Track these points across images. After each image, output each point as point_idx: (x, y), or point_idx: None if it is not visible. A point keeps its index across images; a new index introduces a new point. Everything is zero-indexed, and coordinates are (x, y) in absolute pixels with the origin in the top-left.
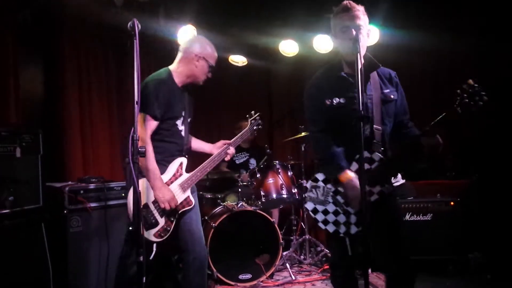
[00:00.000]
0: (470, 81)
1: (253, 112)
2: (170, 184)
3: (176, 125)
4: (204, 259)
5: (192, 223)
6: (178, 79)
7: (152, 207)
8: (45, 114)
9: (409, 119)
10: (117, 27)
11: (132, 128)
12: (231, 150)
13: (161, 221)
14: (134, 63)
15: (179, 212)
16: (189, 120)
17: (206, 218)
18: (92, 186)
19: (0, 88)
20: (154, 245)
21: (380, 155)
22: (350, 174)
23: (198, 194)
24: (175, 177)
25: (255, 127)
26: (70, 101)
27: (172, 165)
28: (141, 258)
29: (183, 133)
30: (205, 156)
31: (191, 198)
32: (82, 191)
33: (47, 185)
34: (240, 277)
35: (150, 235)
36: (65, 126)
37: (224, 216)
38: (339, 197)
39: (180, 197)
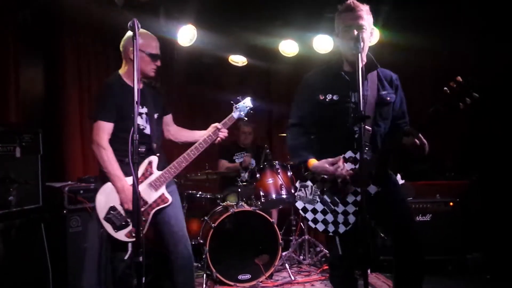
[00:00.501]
0: (459, 78)
1: (240, 97)
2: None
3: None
4: (188, 257)
5: (171, 222)
6: (129, 79)
7: (120, 208)
8: (45, 114)
9: (407, 123)
10: (117, 26)
11: (132, 129)
12: (222, 133)
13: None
14: (134, 63)
15: (154, 210)
16: (156, 116)
17: (206, 218)
18: (91, 186)
19: (0, 87)
20: (129, 245)
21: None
22: (314, 161)
23: (197, 194)
24: (144, 176)
25: (241, 113)
26: (70, 100)
27: (141, 166)
28: (140, 259)
29: (147, 131)
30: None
31: (166, 195)
32: (81, 191)
33: (47, 185)
34: (240, 277)
35: (122, 235)
36: (65, 126)
37: (224, 216)
38: (325, 197)
39: (152, 195)
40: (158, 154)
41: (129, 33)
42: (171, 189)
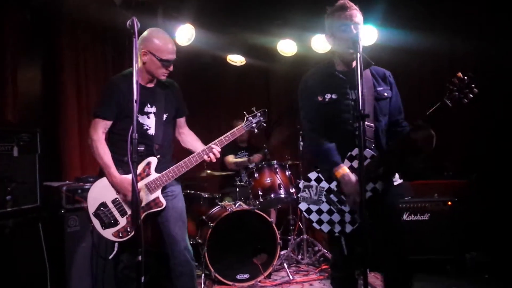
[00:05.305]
0: (459, 74)
1: (254, 108)
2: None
3: (139, 123)
4: (185, 264)
5: (170, 226)
6: (140, 77)
7: (111, 205)
8: (43, 113)
9: (404, 119)
10: (115, 26)
11: (131, 128)
12: (216, 152)
13: (122, 221)
14: (133, 62)
15: (146, 213)
16: (165, 117)
17: (204, 217)
18: (89, 185)
19: None
20: (116, 244)
21: (371, 151)
22: (345, 170)
23: (196, 193)
24: (141, 177)
25: (253, 124)
26: (68, 100)
27: (139, 166)
28: (140, 258)
29: (151, 132)
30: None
31: (161, 199)
32: (79, 191)
33: (44, 184)
34: (238, 277)
35: (109, 234)
36: (63, 125)
37: (222, 215)
38: (332, 196)
39: (146, 198)
40: (158, 156)
41: (144, 34)
42: (176, 191)
